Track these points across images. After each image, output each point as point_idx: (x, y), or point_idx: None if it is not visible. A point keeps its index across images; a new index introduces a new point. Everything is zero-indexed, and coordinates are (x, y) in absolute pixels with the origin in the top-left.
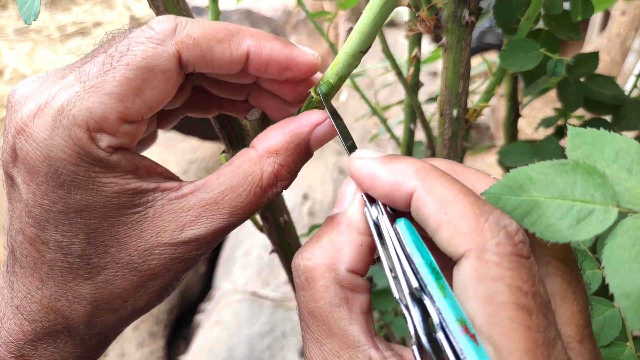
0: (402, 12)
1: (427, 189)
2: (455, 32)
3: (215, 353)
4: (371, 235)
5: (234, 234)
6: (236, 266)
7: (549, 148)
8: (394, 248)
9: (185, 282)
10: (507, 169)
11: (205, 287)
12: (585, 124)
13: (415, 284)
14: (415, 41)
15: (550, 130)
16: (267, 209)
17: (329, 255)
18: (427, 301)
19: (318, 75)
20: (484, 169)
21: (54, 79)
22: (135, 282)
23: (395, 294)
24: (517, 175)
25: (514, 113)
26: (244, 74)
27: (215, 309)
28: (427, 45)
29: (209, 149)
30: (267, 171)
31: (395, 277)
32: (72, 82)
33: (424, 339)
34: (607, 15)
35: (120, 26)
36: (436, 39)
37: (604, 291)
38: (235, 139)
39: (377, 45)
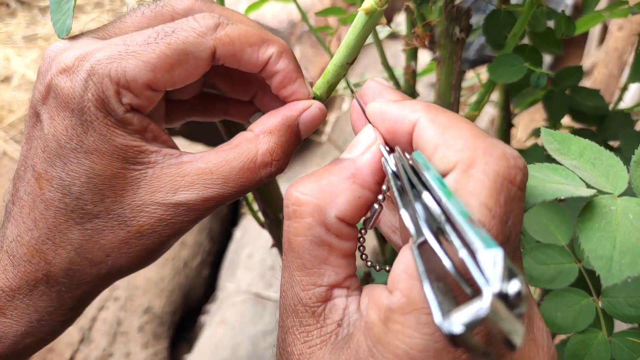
0: (403, 27)
1: (430, 118)
2: (447, 47)
3: (220, 351)
4: (374, 192)
5: (237, 238)
6: (240, 268)
7: (535, 155)
8: (407, 176)
9: (189, 285)
10: None
11: (207, 291)
12: (572, 134)
13: (422, 189)
14: (412, 55)
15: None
16: (268, 205)
17: (323, 197)
18: (430, 201)
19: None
20: None
21: (91, 39)
22: (121, 236)
23: (401, 206)
24: None
25: (506, 123)
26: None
27: (219, 309)
28: (427, 58)
29: None
30: (262, 148)
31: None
32: (118, 43)
33: (427, 233)
34: (605, 30)
35: None
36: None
37: (580, 283)
38: None
39: (377, 57)
